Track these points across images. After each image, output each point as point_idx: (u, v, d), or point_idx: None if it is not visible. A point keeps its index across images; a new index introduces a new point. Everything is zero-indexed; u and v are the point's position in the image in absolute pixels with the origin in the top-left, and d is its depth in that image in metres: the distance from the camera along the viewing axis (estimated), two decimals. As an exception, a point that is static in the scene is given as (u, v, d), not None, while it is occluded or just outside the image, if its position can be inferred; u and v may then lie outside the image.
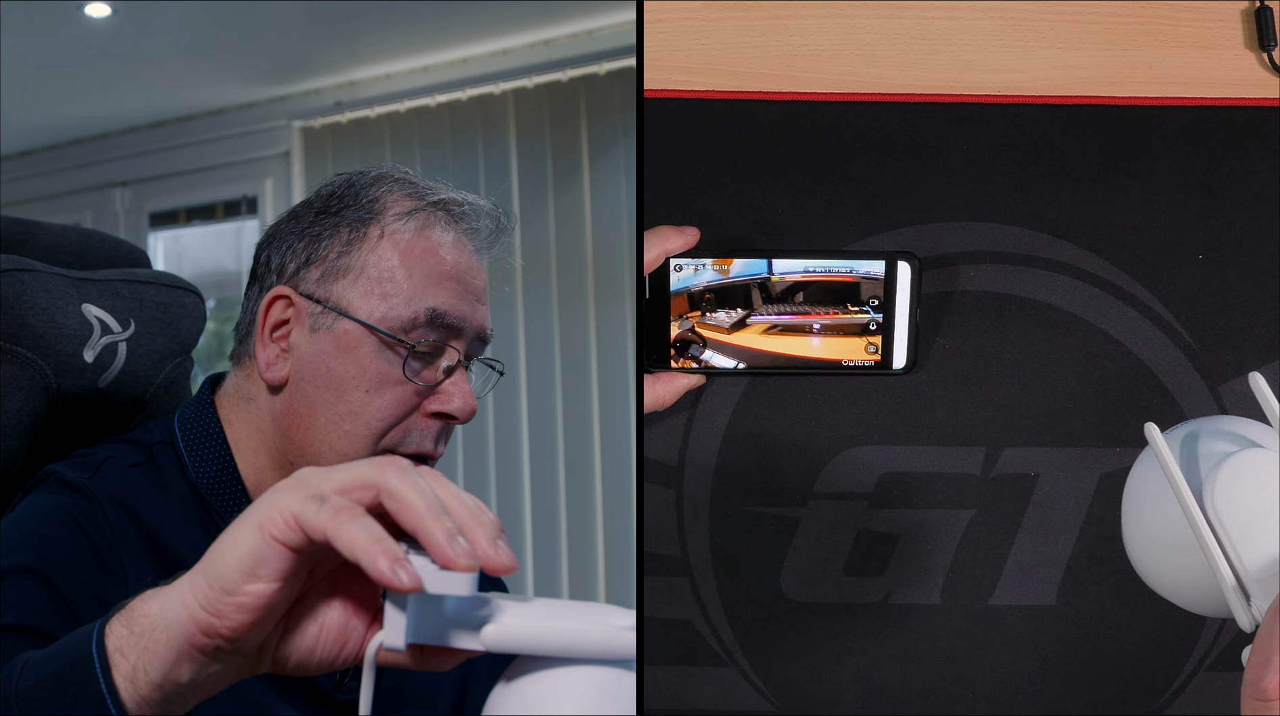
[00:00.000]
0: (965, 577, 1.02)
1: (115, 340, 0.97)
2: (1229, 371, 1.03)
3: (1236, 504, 0.70)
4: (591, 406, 2.50)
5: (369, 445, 0.88)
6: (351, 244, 0.89)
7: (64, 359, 0.93)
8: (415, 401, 0.89)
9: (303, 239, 0.90)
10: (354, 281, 0.88)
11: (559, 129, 2.55)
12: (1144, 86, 1.05)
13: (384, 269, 0.88)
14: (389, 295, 0.88)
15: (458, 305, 0.89)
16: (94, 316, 0.96)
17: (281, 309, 0.89)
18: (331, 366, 0.88)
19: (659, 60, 1.06)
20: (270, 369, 0.89)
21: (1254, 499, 0.70)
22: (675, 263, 0.98)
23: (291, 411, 0.89)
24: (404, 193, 0.91)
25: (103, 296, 0.97)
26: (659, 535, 1.03)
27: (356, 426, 0.87)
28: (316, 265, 0.89)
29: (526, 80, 2.57)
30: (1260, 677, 0.65)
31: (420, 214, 0.90)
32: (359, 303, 0.88)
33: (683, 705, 1.03)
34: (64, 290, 0.95)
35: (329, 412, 0.87)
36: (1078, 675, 1.01)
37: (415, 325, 0.88)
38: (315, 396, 0.88)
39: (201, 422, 0.91)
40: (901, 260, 0.98)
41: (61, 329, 0.93)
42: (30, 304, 0.92)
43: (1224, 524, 0.70)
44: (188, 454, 0.90)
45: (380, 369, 0.87)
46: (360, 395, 0.87)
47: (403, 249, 0.89)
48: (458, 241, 0.91)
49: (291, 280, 0.90)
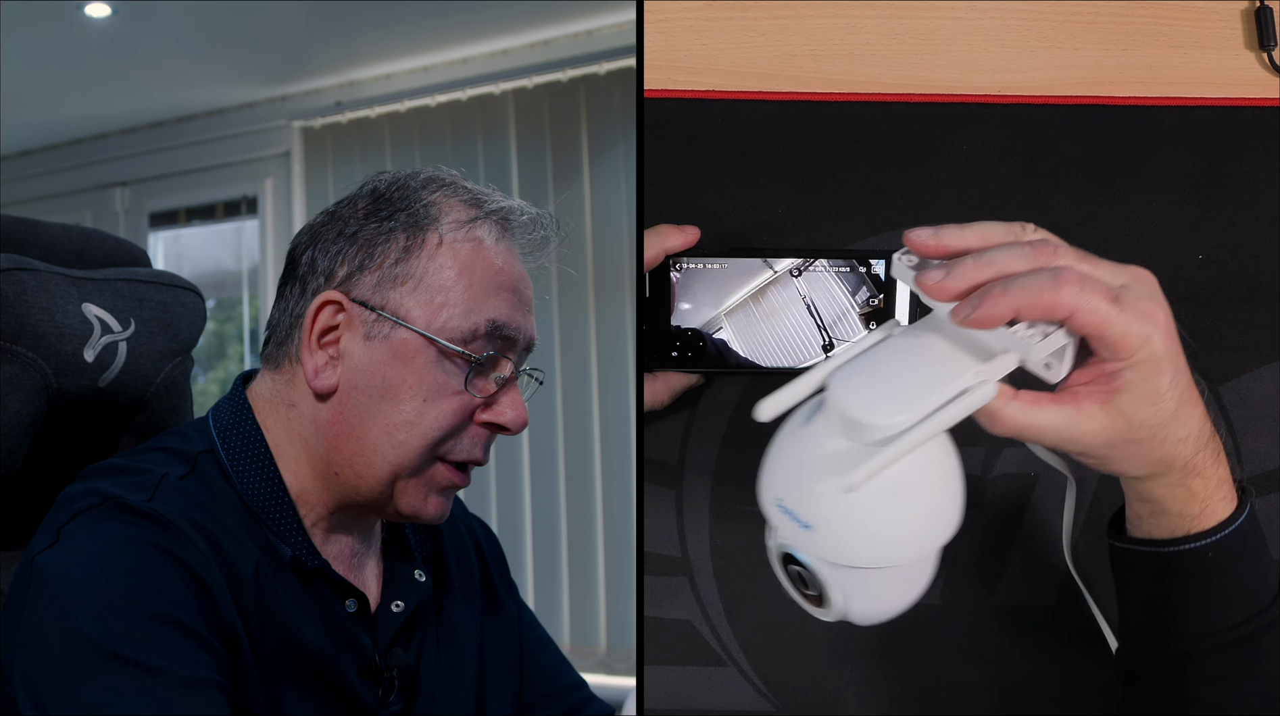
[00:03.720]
0: (965, 577, 1.02)
1: (115, 339, 0.97)
2: (1229, 371, 1.03)
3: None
4: (591, 406, 2.50)
5: (423, 454, 0.87)
6: (409, 251, 0.87)
7: (64, 358, 0.93)
8: (469, 412, 0.88)
9: (354, 243, 0.88)
10: (412, 290, 0.87)
11: (559, 129, 2.55)
12: (1144, 86, 1.05)
13: (443, 278, 0.87)
14: (448, 305, 0.87)
15: (514, 316, 0.89)
16: (94, 316, 0.96)
17: (331, 314, 0.88)
18: (388, 376, 0.86)
19: (659, 60, 1.06)
20: (319, 377, 0.87)
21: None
22: (675, 262, 0.98)
23: (341, 420, 0.87)
24: (460, 199, 0.90)
25: (103, 296, 0.97)
26: (659, 535, 1.03)
27: (412, 436, 0.86)
28: (371, 271, 0.87)
29: (526, 80, 2.57)
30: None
31: (479, 223, 0.89)
32: (417, 312, 0.87)
33: (683, 705, 1.03)
34: (64, 289, 0.95)
35: (383, 422, 0.87)
36: (1078, 675, 1.01)
37: (475, 336, 0.87)
38: (368, 405, 0.87)
39: (241, 430, 0.89)
40: (901, 260, 0.98)
41: (62, 328, 0.93)
42: (30, 303, 0.92)
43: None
44: (230, 464, 0.88)
45: (438, 379, 0.87)
46: (417, 404, 0.86)
47: (462, 259, 0.88)
48: (510, 250, 0.90)
49: (343, 285, 0.88)
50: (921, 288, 0.75)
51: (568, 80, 2.52)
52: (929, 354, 0.74)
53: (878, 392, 0.72)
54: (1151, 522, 0.82)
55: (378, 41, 2.61)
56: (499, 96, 2.61)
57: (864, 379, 0.73)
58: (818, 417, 0.74)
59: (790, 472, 0.75)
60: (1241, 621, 0.82)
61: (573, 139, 2.54)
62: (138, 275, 1.01)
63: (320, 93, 2.87)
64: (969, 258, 0.75)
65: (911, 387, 0.72)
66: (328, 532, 0.90)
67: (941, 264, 0.75)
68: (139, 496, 0.83)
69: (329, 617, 0.88)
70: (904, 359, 0.74)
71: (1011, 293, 0.72)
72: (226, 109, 3.01)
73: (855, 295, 0.99)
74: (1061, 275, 0.73)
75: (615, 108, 2.47)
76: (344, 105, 2.82)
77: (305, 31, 2.54)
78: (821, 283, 0.98)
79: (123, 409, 0.98)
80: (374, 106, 2.77)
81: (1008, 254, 0.74)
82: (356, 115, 2.80)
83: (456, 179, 0.92)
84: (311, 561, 0.88)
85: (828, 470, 0.72)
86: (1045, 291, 0.72)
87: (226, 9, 2.33)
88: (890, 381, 0.73)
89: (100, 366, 0.96)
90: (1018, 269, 0.74)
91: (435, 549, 0.99)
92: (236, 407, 0.90)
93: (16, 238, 1.00)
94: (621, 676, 2.39)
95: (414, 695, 0.92)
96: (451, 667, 0.95)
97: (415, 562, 0.95)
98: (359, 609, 0.90)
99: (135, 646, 0.76)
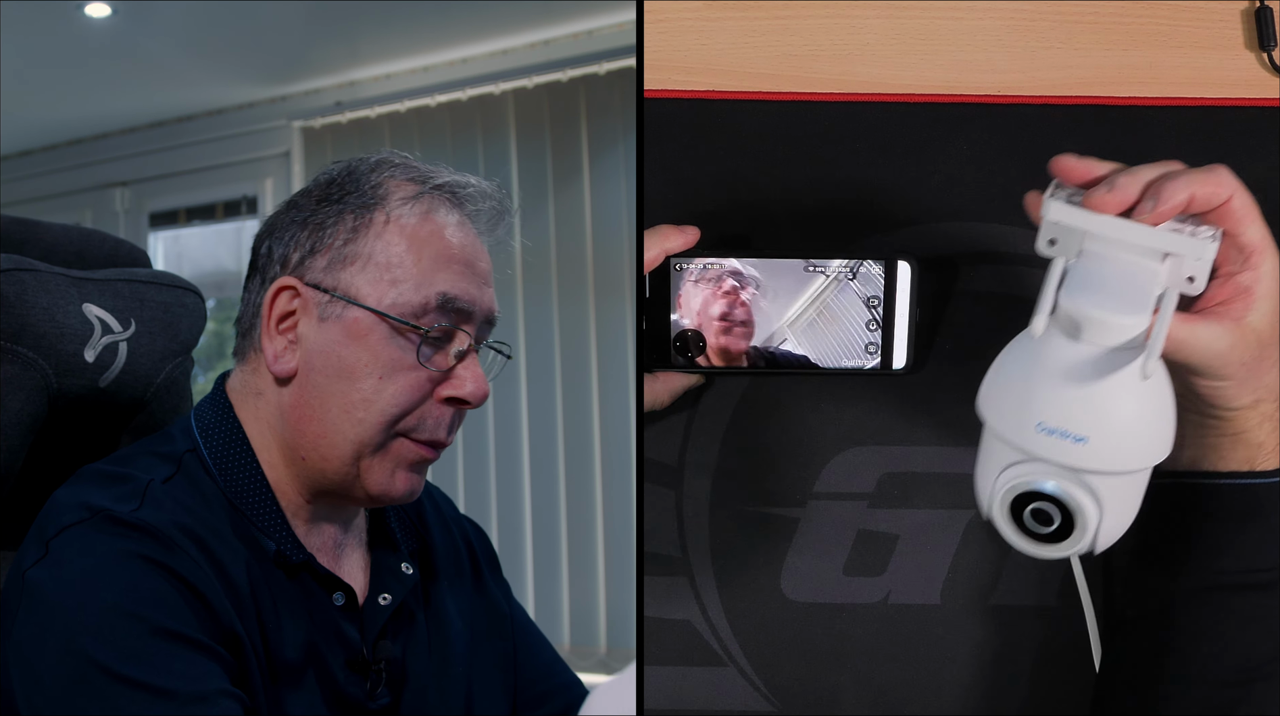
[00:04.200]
0: (965, 577, 1.03)
1: (116, 340, 0.97)
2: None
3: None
4: (591, 406, 2.51)
5: (382, 432, 0.87)
6: (357, 231, 0.88)
7: (64, 358, 0.93)
8: (428, 387, 0.88)
9: (305, 228, 0.89)
10: (361, 268, 0.87)
11: (559, 129, 2.55)
12: (1144, 86, 1.05)
13: (391, 254, 0.87)
14: (398, 281, 0.87)
15: (467, 288, 0.89)
16: (94, 316, 0.96)
17: (287, 300, 0.89)
18: (343, 355, 0.87)
19: (659, 60, 1.06)
20: (279, 361, 0.88)
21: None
22: (675, 262, 0.98)
23: (302, 402, 0.88)
24: (407, 177, 0.90)
25: (103, 296, 0.97)
26: (659, 535, 1.03)
27: (370, 414, 0.87)
28: (322, 254, 0.88)
29: (526, 80, 2.57)
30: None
31: (425, 198, 0.89)
32: (368, 290, 0.87)
33: (683, 705, 1.03)
34: (64, 290, 0.95)
35: (341, 401, 0.87)
36: (1078, 675, 1.01)
37: (426, 310, 0.87)
38: (327, 386, 0.87)
39: (222, 426, 0.90)
40: (901, 260, 0.98)
41: (62, 328, 0.93)
42: (31, 303, 0.92)
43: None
44: (213, 461, 0.88)
45: (392, 355, 0.87)
46: (373, 382, 0.87)
47: (409, 234, 0.88)
48: (462, 224, 0.90)
49: (296, 270, 0.89)
50: (1094, 207, 0.79)
51: (568, 80, 2.52)
52: (1121, 264, 0.80)
53: (1109, 297, 0.77)
54: (1217, 457, 0.85)
55: (378, 41, 2.61)
56: (499, 96, 2.61)
57: (1090, 290, 0.78)
58: (1049, 340, 0.78)
59: (1046, 396, 0.78)
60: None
61: (573, 139, 2.54)
62: (138, 276, 1.01)
63: (320, 93, 2.87)
64: (1122, 171, 0.81)
65: (1129, 290, 0.78)
66: (309, 524, 0.90)
67: (1096, 187, 0.80)
68: (127, 506, 0.83)
69: (316, 611, 0.88)
70: (1106, 270, 0.79)
71: (1181, 181, 0.78)
72: (226, 109, 3.01)
73: (856, 295, 0.99)
74: (1211, 167, 0.79)
75: (615, 108, 2.47)
76: (344, 105, 2.82)
77: (305, 31, 2.54)
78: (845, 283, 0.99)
79: (123, 409, 0.98)
80: (374, 106, 2.77)
81: (1153, 164, 0.81)
82: (356, 115, 2.80)
83: (407, 160, 0.92)
84: (296, 555, 0.88)
85: (1088, 379, 0.76)
86: (1208, 175, 0.78)
87: (226, 9, 2.33)
88: (1109, 288, 0.78)
89: (101, 367, 0.96)
90: (1172, 168, 0.80)
91: (422, 544, 0.99)
92: (217, 404, 0.91)
93: (17, 238, 1.00)
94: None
95: (403, 689, 0.92)
96: (443, 663, 0.95)
97: (402, 555, 0.95)
98: (346, 602, 0.90)
99: (140, 667, 0.77)
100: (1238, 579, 0.84)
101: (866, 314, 0.99)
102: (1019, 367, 0.80)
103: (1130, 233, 0.79)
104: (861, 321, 0.99)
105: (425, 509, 1.02)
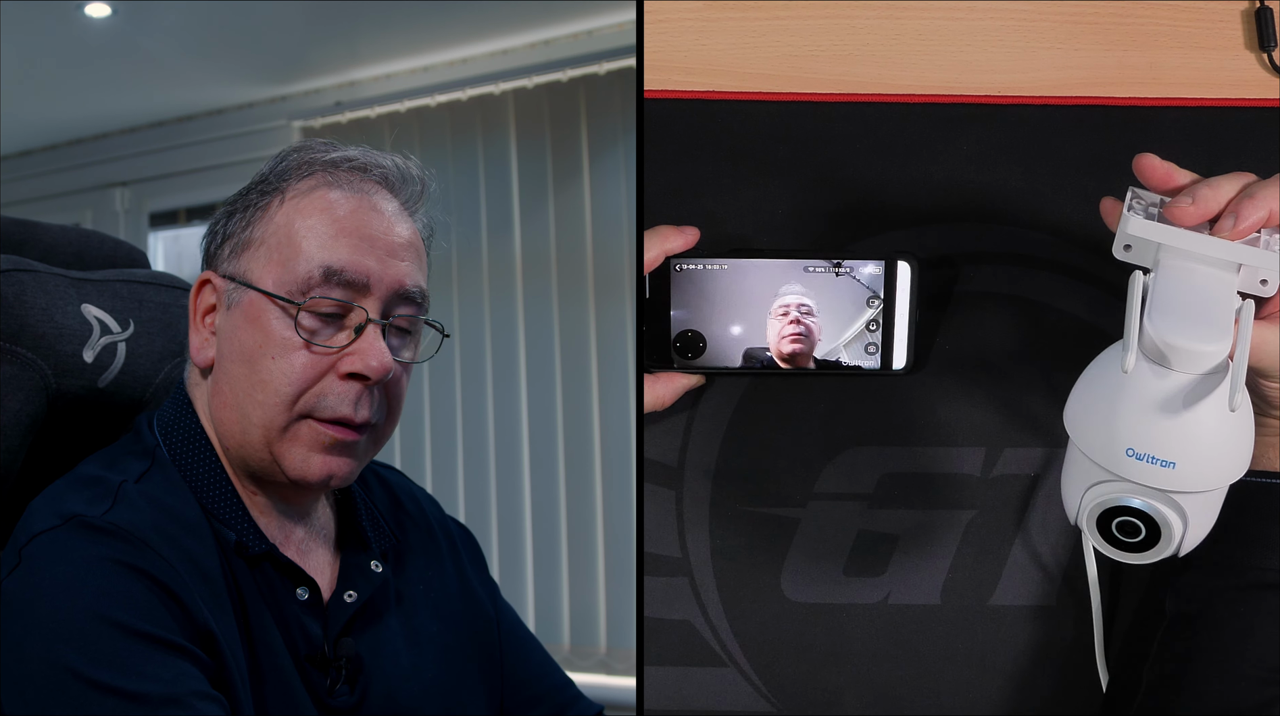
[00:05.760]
0: (965, 577, 1.02)
1: (115, 340, 0.97)
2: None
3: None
4: (591, 406, 2.50)
5: (282, 412, 0.86)
6: (256, 216, 0.89)
7: (64, 359, 0.93)
8: (327, 364, 0.87)
9: (221, 222, 0.91)
10: (256, 252, 0.88)
11: (559, 129, 2.55)
12: (1144, 87, 1.05)
13: (282, 234, 0.88)
14: (285, 260, 0.87)
15: (360, 261, 0.87)
16: (94, 316, 0.96)
17: (209, 294, 0.90)
18: (244, 340, 0.87)
19: (659, 60, 1.06)
20: (199, 353, 0.90)
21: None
22: (675, 263, 0.98)
23: (219, 391, 0.89)
24: (306, 158, 0.91)
25: (102, 297, 0.97)
26: (659, 535, 1.03)
27: (268, 395, 0.86)
28: (230, 243, 0.90)
29: (526, 80, 2.57)
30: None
31: (317, 175, 0.90)
32: (260, 272, 0.88)
33: (683, 705, 1.03)
34: (64, 290, 0.95)
35: (244, 386, 0.87)
36: (1078, 675, 1.01)
37: (311, 284, 0.86)
38: (234, 372, 0.88)
39: (182, 422, 0.91)
40: (901, 260, 0.98)
41: (61, 329, 0.93)
42: (30, 304, 0.92)
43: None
44: (173, 457, 0.89)
45: (283, 335, 0.86)
46: (268, 363, 0.86)
47: (299, 211, 0.88)
48: (361, 197, 0.89)
49: (213, 263, 0.91)
50: (1175, 218, 0.83)
51: (568, 80, 2.52)
52: (1199, 278, 0.83)
53: (1194, 323, 0.80)
54: (1277, 455, 0.88)
55: (378, 41, 2.61)
56: (499, 96, 2.61)
57: (1174, 315, 0.80)
58: (1136, 367, 0.80)
59: (1134, 424, 0.80)
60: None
61: (573, 139, 2.54)
62: (137, 276, 1.02)
63: (320, 93, 2.87)
64: (1202, 183, 0.83)
65: (1213, 314, 0.81)
66: (267, 517, 0.91)
67: (1178, 197, 0.83)
68: (98, 509, 0.83)
69: (279, 605, 0.88)
70: (1186, 287, 0.82)
71: (1259, 197, 0.80)
72: (226, 109, 3.01)
73: (857, 295, 0.99)
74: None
75: (615, 108, 2.47)
76: (344, 105, 2.82)
77: (305, 31, 2.54)
78: (831, 283, 0.99)
79: (122, 409, 0.98)
80: (374, 106, 2.77)
81: (1231, 175, 0.83)
82: (356, 115, 2.79)
83: (316, 143, 0.93)
84: (257, 545, 0.88)
85: (1177, 409, 0.79)
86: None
87: (226, 9, 2.33)
88: (1192, 312, 0.81)
89: (100, 367, 0.96)
90: (1249, 181, 0.82)
91: (398, 544, 0.98)
92: (176, 401, 0.92)
93: (16, 239, 1.01)
94: (621, 676, 2.39)
95: (369, 688, 0.92)
96: (416, 664, 0.95)
97: (373, 554, 0.95)
98: (310, 597, 0.89)
99: (114, 671, 0.77)
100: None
101: (867, 314, 0.99)
102: (1106, 391, 0.82)
103: (1211, 248, 0.82)
104: (862, 321, 0.99)
105: (404, 509, 1.01)
